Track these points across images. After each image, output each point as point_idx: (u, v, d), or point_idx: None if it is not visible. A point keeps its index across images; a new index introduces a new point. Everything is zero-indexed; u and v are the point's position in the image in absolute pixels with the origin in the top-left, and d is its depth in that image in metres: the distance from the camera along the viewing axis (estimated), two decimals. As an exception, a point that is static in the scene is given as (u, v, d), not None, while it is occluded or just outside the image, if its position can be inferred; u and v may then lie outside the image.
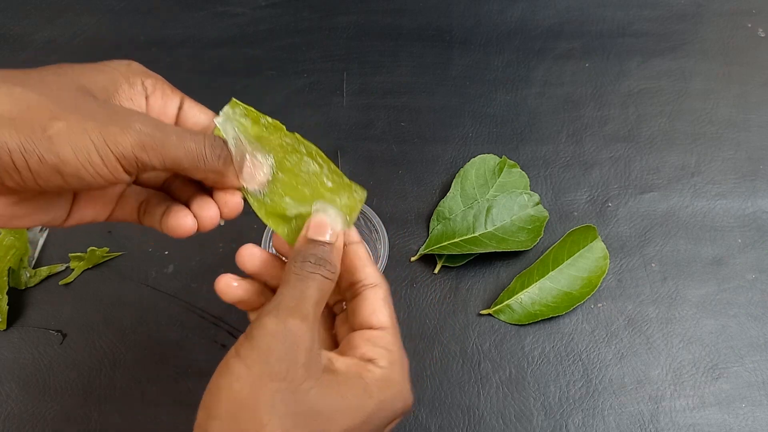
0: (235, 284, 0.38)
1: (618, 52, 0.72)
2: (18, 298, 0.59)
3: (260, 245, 0.54)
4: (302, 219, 0.39)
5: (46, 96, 0.31)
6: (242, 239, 0.40)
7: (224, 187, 0.37)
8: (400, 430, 0.54)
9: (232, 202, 0.38)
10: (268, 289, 0.40)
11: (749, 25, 0.74)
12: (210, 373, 0.55)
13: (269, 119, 0.40)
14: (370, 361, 0.35)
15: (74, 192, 0.36)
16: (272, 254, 0.39)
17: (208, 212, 0.37)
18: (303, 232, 0.37)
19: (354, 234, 0.40)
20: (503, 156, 0.64)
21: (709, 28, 0.74)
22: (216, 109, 0.38)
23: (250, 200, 0.39)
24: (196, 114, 0.38)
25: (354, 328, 0.38)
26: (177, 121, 0.37)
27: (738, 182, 0.65)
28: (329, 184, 0.40)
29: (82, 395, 0.55)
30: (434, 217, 0.62)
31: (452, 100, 0.69)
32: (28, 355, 0.57)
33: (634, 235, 0.62)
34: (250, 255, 0.38)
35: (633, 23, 0.74)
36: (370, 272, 0.38)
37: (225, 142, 0.36)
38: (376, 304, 0.37)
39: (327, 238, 0.37)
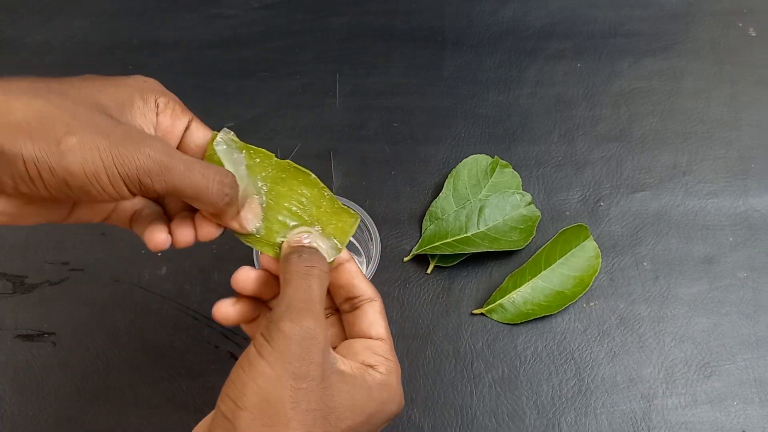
0: (232, 308, 0.40)
1: (610, 52, 0.73)
2: (11, 300, 0.59)
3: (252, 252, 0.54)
4: None
5: (64, 109, 0.32)
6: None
7: (219, 222, 0.39)
8: (393, 429, 0.54)
9: (208, 229, 0.39)
10: (260, 303, 0.42)
11: (740, 25, 0.74)
12: (203, 373, 0.56)
13: (257, 149, 0.41)
14: (370, 366, 0.38)
15: None
16: (265, 272, 0.41)
17: (183, 232, 0.39)
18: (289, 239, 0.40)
19: (343, 253, 0.42)
20: (495, 156, 0.64)
21: (701, 28, 0.74)
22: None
23: (237, 234, 0.40)
24: (200, 136, 0.39)
25: (352, 337, 0.41)
26: (182, 140, 0.39)
27: (729, 181, 0.65)
28: (322, 209, 0.41)
29: (76, 397, 0.55)
30: (427, 217, 0.62)
31: (444, 100, 0.70)
32: (22, 358, 0.57)
33: (626, 234, 0.62)
34: (246, 278, 0.40)
35: (624, 23, 0.75)
36: (366, 288, 0.41)
37: (234, 179, 0.37)
38: (374, 317, 0.40)
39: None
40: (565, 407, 0.55)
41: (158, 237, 0.38)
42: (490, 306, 0.58)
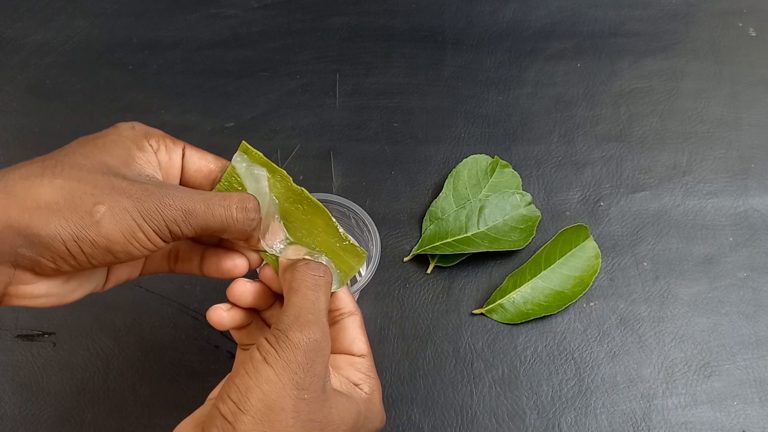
0: (226, 314, 0.41)
1: (610, 52, 0.73)
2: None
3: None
4: None
5: (84, 181, 0.33)
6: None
7: (246, 246, 0.40)
8: (393, 429, 0.54)
9: (253, 259, 0.41)
10: (253, 311, 0.43)
11: (740, 25, 0.74)
12: (203, 373, 0.56)
13: (276, 167, 0.41)
14: (356, 384, 0.40)
15: None
16: (261, 284, 0.42)
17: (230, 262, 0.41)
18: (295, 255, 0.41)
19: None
20: (495, 156, 0.64)
21: (701, 28, 0.74)
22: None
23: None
24: (196, 162, 0.40)
25: (333, 351, 0.41)
26: (183, 169, 0.40)
27: (729, 181, 0.65)
28: (330, 242, 0.41)
29: (76, 397, 0.55)
30: (427, 217, 0.62)
31: (445, 100, 0.70)
32: (22, 358, 0.57)
33: (626, 234, 0.62)
34: (243, 290, 0.41)
35: (624, 23, 0.75)
36: (348, 301, 0.42)
37: (257, 202, 0.38)
38: (355, 332, 0.41)
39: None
40: (565, 407, 0.55)
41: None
42: (490, 306, 0.58)
